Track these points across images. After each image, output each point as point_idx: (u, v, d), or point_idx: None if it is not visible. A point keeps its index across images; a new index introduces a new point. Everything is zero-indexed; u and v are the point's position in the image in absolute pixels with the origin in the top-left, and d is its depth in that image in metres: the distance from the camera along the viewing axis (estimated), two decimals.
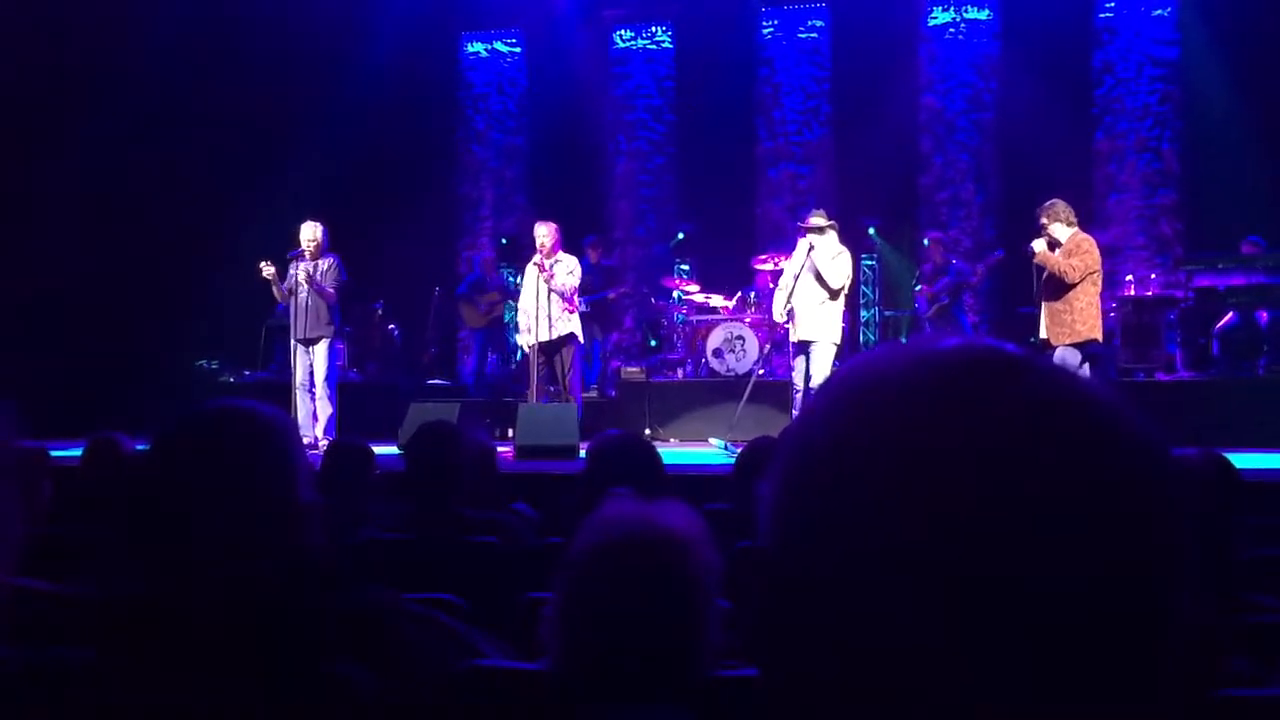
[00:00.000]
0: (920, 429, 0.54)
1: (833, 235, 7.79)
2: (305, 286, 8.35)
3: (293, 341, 8.50)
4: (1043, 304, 7.18)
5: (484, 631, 1.98)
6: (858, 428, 0.56)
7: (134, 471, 1.63)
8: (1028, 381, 0.54)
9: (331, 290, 8.40)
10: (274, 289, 8.54)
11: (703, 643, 1.55)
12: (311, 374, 8.44)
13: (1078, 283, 6.99)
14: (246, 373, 10.87)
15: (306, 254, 8.43)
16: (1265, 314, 9.24)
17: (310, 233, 8.47)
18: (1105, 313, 9.73)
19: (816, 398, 0.60)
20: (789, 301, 7.77)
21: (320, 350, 8.45)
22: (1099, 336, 7.26)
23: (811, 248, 7.68)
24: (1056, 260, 7.06)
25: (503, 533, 3.55)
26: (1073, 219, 7.20)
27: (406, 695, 1.49)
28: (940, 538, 0.52)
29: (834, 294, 7.69)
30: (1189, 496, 0.53)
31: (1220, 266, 9.18)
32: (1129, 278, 10.33)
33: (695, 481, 5.47)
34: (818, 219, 7.81)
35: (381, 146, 12.07)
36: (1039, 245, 7.11)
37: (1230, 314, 9.37)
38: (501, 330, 11.36)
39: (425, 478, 3.46)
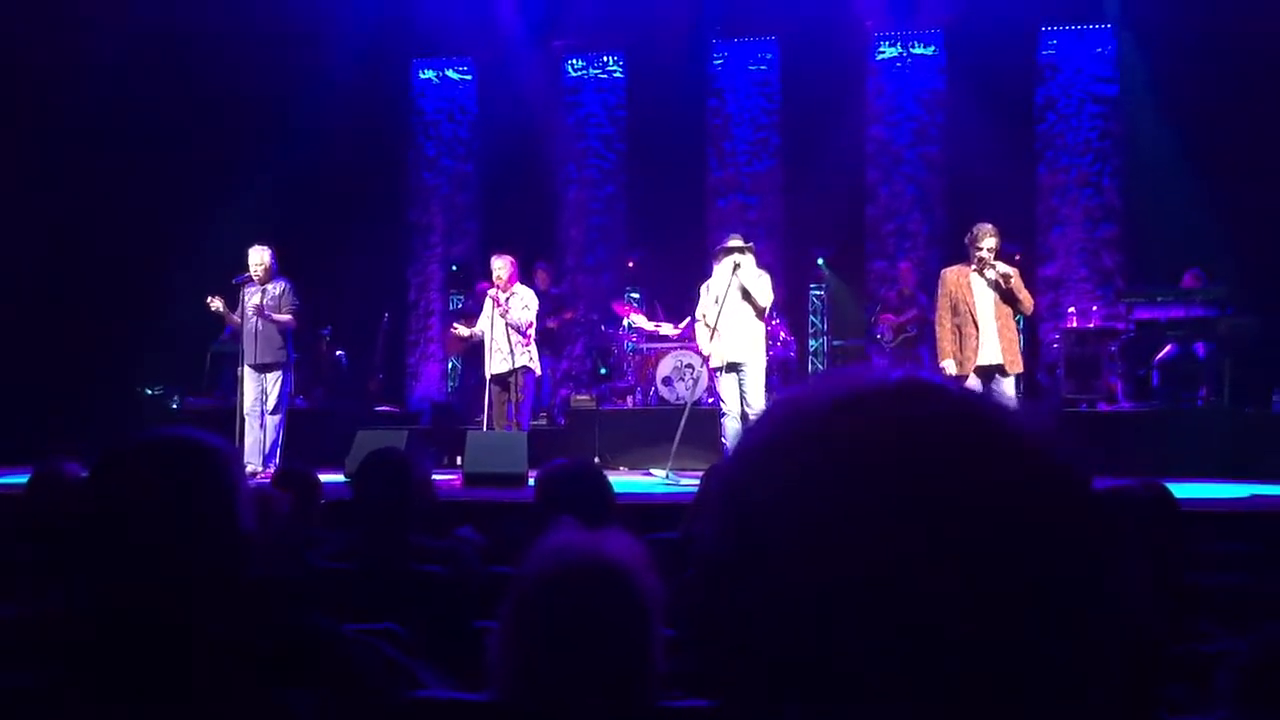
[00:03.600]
0: (827, 453, 0.55)
1: (752, 257, 7.77)
2: (255, 316, 8.26)
3: (243, 367, 8.39)
4: (992, 332, 7.18)
5: (425, 661, 1.96)
6: (774, 449, 0.58)
7: (76, 499, 1.60)
8: (954, 408, 0.56)
9: (288, 317, 8.32)
10: (225, 319, 8.46)
11: (648, 671, 1.55)
12: (262, 401, 8.34)
13: (1027, 314, 7.15)
14: (191, 398, 10.72)
15: (255, 279, 8.35)
16: (1202, 346, 9.43)
17: (259, 257, 8.40)
18: (1050, 344, 9.88)
19: (747, 434, 0.62)
20: (715, 325, 7.70)
21: (273, 377, 8.36)
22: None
23: (737, 266, 7.61)
24: (1024, 290, 7.15)
25: (451, 561, 3.53)
26: None
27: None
28: (867, 575, 0.53)
29: (760, 313, 7.67)
30: (1122, 523, 0.54)
31: (1160, 299, 9.37)
32: (1071, 309, 10.52)
33: (645, 510, 5.47)
34: (737, 240, 7.84)
35: (331, 171, 11.98)
36: (1003, 269, 7.15)
37: (1170, 346, 9.55)
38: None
39: (373, 506, 3.43)
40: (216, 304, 8.29)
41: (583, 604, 1.55)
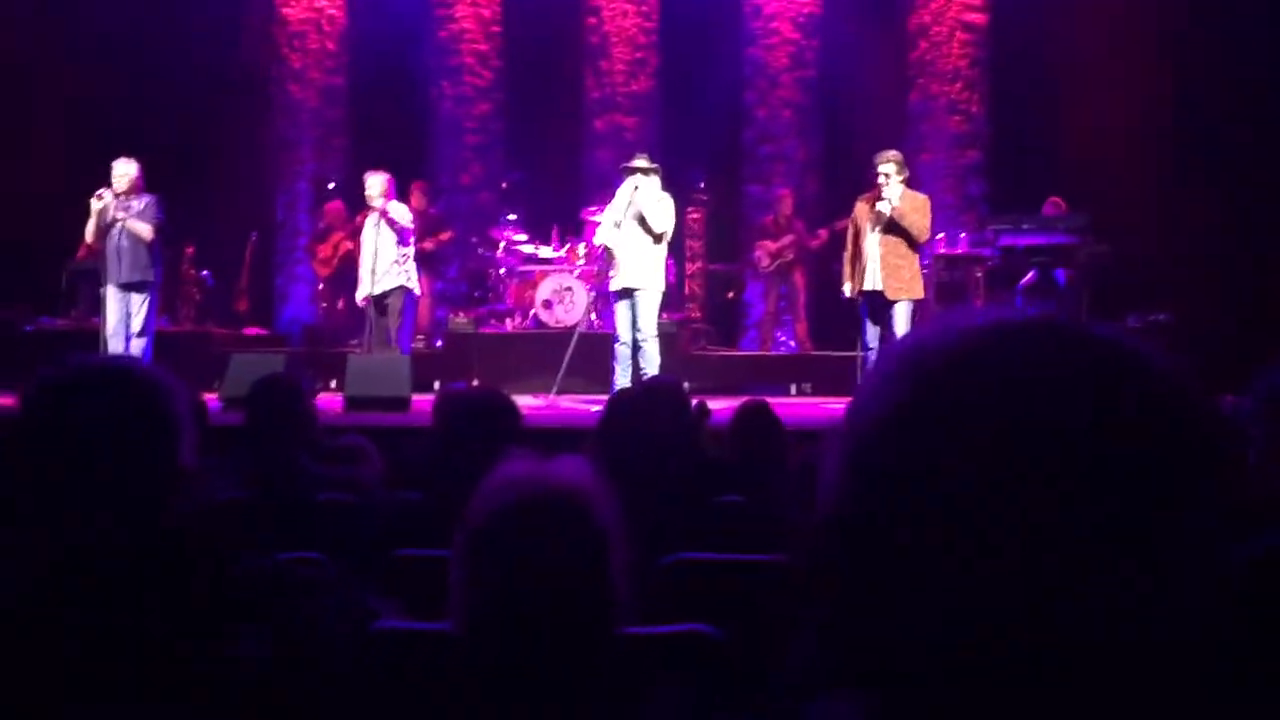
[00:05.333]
0: (983, 397, 0.55)
1: (657, 179, 7.62)
2: (120, 225, 7.85)
3: (107, 287, 7.98)
4: (875, 256, 7.36)
5: (369, 591, 1.94)
6: (918, 396, 0.57)
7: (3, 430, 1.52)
8: (1091, 350, 0.57)
9: (148, 226, 7.90)
10: (90, 224, 7.94)
11: (610, 597, 1.55)
12: (128, 322, 7.98)
13: (924, 242, 7.34)
14: (46, 319, 10.21)
15: (120, 193, 7.93)
16: (1062, 273, 9.81)
17: (125, 170, 7.97)
18: (923, 271, 10.14)
19: (873, 373, 0.61)
20: (607, 250, 7.65)
21: (139, 298, 7.99)
22: (923, 294, 7.64)
23: (637, 187, 7.48)
24: (914, 218, 7.30)
25: (352, 488, 3.48)
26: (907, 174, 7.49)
27: (311, 663, 1.45)
28: (1001, 501, 0.54)
29: (658, 238, 7.49)
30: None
31: (1024, 227, 9.68)
32: (940, 236, 10.77)
33: (543, 434, 5.46)
34: (642, 160, 7.67)
35: (190, 83, 11.44)
36: (895, 200, 7.30)
37: (1031, 272, 9.90)
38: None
39: (268, 432, 3.35)
40: (105, 199, 7.82)
41: (539, 533, 1.54)
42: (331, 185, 11.67)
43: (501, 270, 10.74)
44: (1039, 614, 0.54)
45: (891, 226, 7.31)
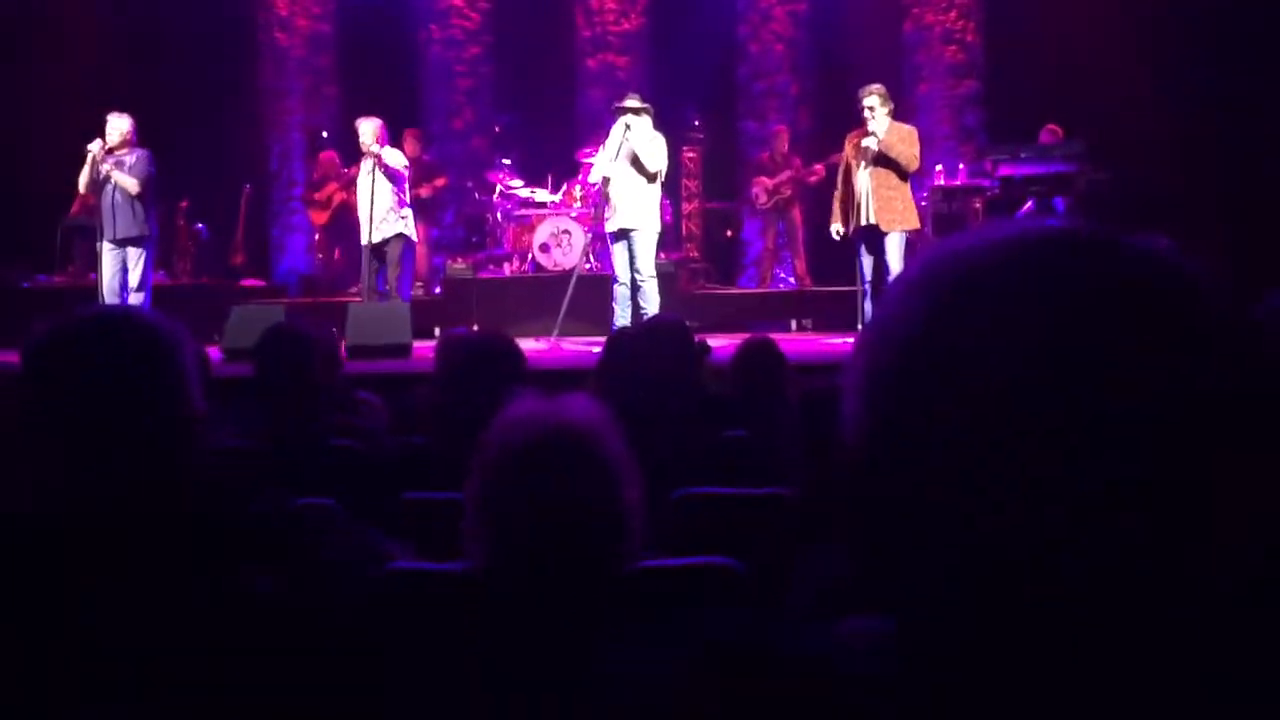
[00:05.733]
0: (1012, 311, 0.54)
1: (648, 119, 7.54)
2: (112, 180, 7.81)
3: (103, 243, 7.96)
4: (867, 190, 7.35)
5: (381, 533, 1.95)
6: (944, 310, 0.57)
7: (10, 383, 1.52)
8: (1126, 261, 0.56)
9: (134, 180, 7.84)
10: (83, 174, 7.90)
11: (625, 532, 1.57)
12: (124, 278, 7.96)
13: (913, 171, 7.30)
14: (42, 276, 10.18)
15: (113, 147, 7.88)
16: (1061, 201, 9.75)
17: (119, 124, 7.92)
18: (918, 203, 10.11)
19: (897, 284, 0.61)
20: (606, 184, 7.58)
21: (135, 253, 7.97)
22: (919, 224, 7.61)
23: (628, 128, 7.41)
24: (901, 149, 7.26)
25: (360, 435, 3.49)
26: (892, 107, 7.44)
27: (327, 603, 1.46)
28: (1036, 421, 0.53)
29: (652, 178, 7.42)
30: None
31: (1022, 156, 9.61)
32: (938, 167, 10.72)
33: (546, 376, 5.46)
34: (633, 100, 7.59)
35: (175, 35, 11.31)
36: (881, 132, 7.27)
37: (1030, 201, 9.85)
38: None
39: (279, 382, 3.35)
40: (97, 149, 7.79)
41: (552, 472, 1.55)
42: (324, 134, 11.58)
43: (498, 215, 10.68)
44: (1061, 549, 0.53)
45: (881, 159, 7.28)
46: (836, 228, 7.61)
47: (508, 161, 10.87)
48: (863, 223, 7.37)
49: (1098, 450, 0.52)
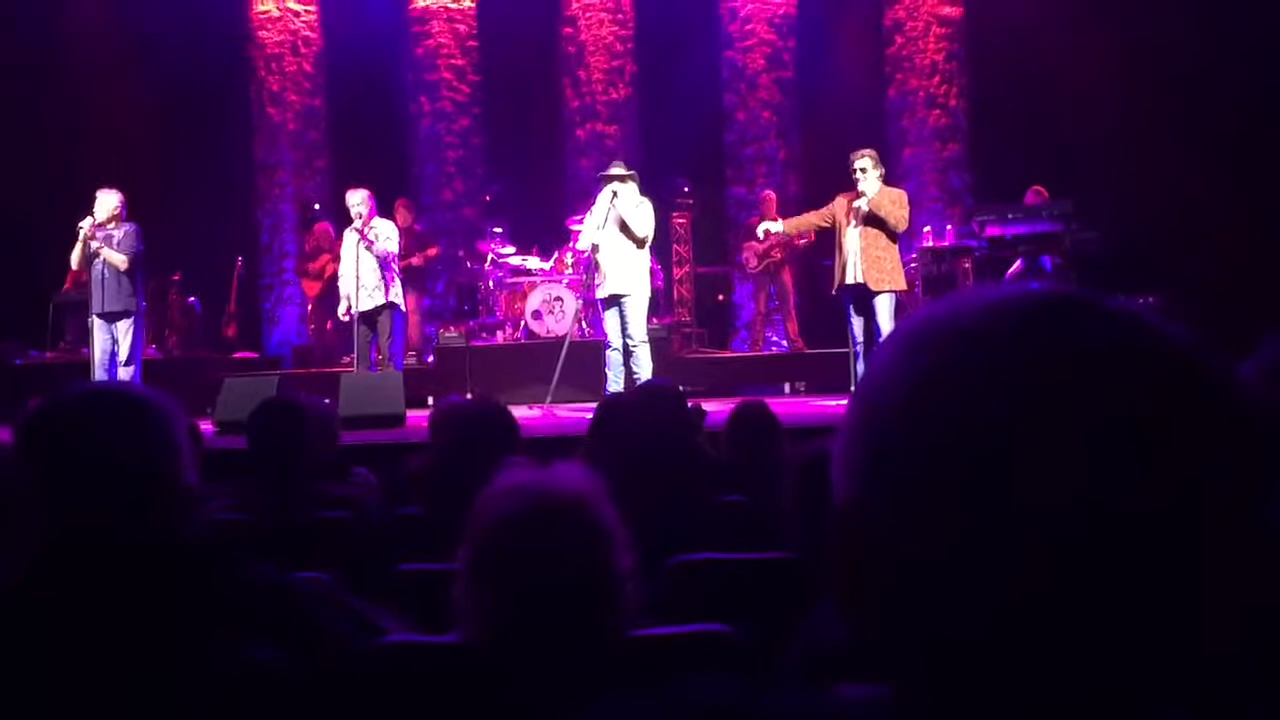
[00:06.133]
0: (999, 373, 0.55)
1: (634, 185, 7.61)
2: (101, 255, 7.88)
3: (92, 317, 8.01)
4: (856, 252, 7.42)
5: (375, 606, 1.94)
6: (933, 372, 0.57)
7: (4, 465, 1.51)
8: (1109, 324, 0.56)
9: (123, 257, 7.89)
10: (75, 250, 7.96)
11: (616, 602, 1.56)
12: (114, 353, 7.98)
13: (902, 232, 7.38)
14: (35, 352, 10.18)
15: (104, 224, 7.94)
16: (1049, 259, 9.83)
17: (108, 201, 7.98)
18: (906, 264, 10.21)
19: (886, 344, 0.61)
20: (595, 250, 7.64)
21: (124, 327, 7.99)
22: (905, 285, 7.68)
23: (615, 195, 7.48)
24: (891, 209, 7.35)
25: (351, 506, 3.47)
26: (882, 170, 7.56)
27: (322, 675, 1.45)
28: (1023, 482, 0.53)
29: (641, 243, 7.49)
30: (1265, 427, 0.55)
31: (1010, 217, 9.70)
32: (926, 229, 10.82)
33: (538, 444, 5.45)
34: (618, 167, 7.68)
35: (170, 111, 11.45)
36: (872, 193, 7.36)
37: (1019, 261, 9.93)
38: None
39: (272, 454, 3.33)
40: (88, 227, 7.86)
41: (544, 542, 1.54)
42: (317, 207, 11.66)
43: (490, 283, 10.73)
44: (1068, 595, 0.53)
45: (871, 219, 7.37)
46: (765, 227, 7.98)
47: (499, 230, 10.94)
48: (850, 281, 7.44)
49: (1084, 519, 0.52)
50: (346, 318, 8.36)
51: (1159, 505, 0.52)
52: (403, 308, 8.59)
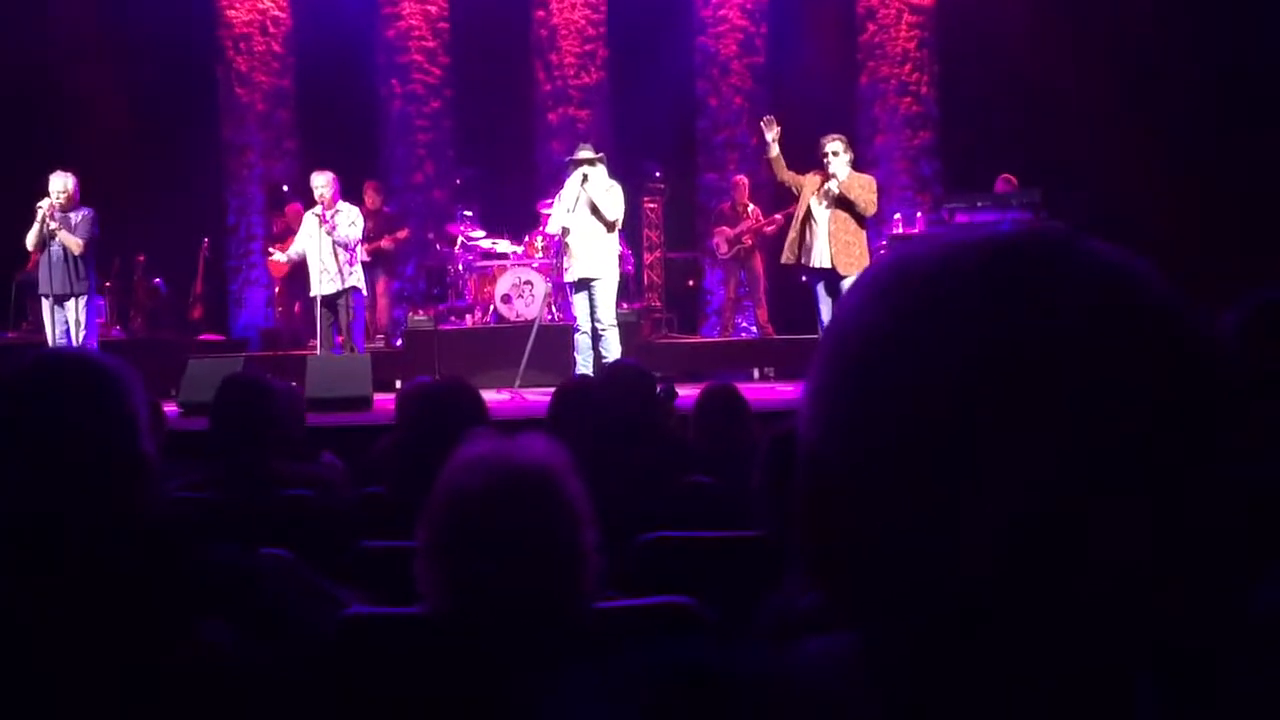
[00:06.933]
0: (967, 314, 0.53)
1: (603, 168, 7.60)
2: (56, 238, 7.80)
3: (45, 299, 7.95)
4: (825, 236, 7.44)
5: (338, 583, 1.91)
6: (899, 315, 0.55)
7: None
8: (1081, 262, 0.54)
9: (79, 241, 7.83)
10: (32, 231, 7.86)
11: (583, 571, 1.54)
12: (69, 333, 7.90)
13: (870, 217, 7.41)
14: None
15: (57, 206, 7.85)
16: None
17: (60, 184, 7.90)
18: (876, 250, 10.24)
19: (853, 290, 0.59)
20: (565, 234, 7.60)
21: (79, 307, 7.92)
22: None
23: (585, 178, 7.45)
24: (860, 193, 7.37)
25: (316, 485, 3.43)
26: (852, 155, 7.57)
27: (283, 650, 1.42)
28: (990, 424, 0.52)
29: (611, 226, 7.47)
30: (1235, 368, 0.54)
31: (980, 204, 9.75)
32: (896, 216, 10.85)
33: (503, 426, 5.40)
34: (586, 151, 7.65)
35: (137, 91, 11.30)
36: (842, 176, 7.38)
37: None
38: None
39: (235, 434, 3.29)
40: (45, 206, 7.77)
41: (507, 514, 1.53)
42: (285, 189, 11.55)
43: (460, 266, 10.67)
44: (1034, 544, 0.52)
45: (841, 203, 7.39)
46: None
47: (469, 213, 10.87)
48: (816, 264, 7.46)
49: (1054, 455, 0.51)
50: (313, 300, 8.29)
51: (1135, 467, 0.51)
52: (363, 291, 8.54)
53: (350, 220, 8.29)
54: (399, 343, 10.43)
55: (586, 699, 0.63)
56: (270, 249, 9.00)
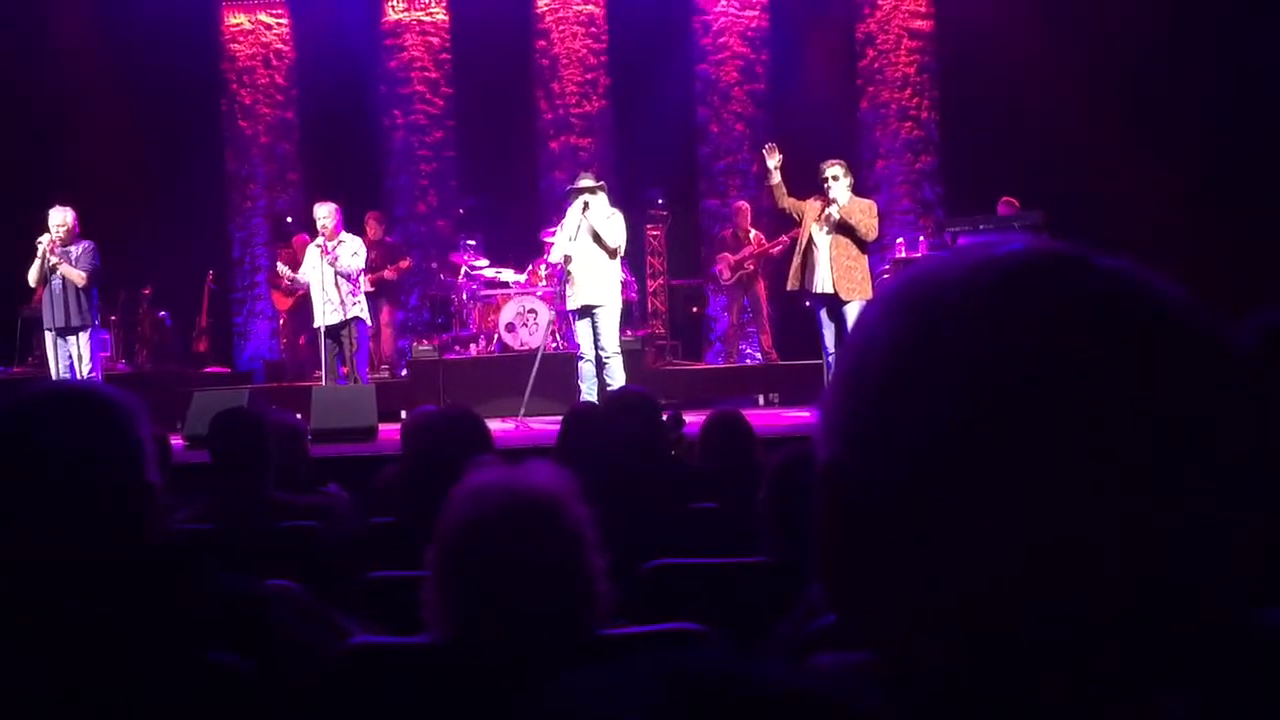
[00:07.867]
0: (985, 330, 0.53)
1: (604, 196, 7.62)
2: (58, 272, 7.84)
3: (48, 333, 7.98)
4: (827, 261, 7.45)
5: (344, 614, 1.90)
6: (918, 332, 0.55)
7: None
8: (1098, 278, 0.54)
9: (81, 274, 7.88)
10: (34, 267, 7.90)
11: (591, 598, 1.53)
12: (73, 367, 7.93)
13: (871, 242, 7.41)
14: (2, 367, 10.06)
15: (57, 241, 7.89)
16: None
17: (60, 218, 7.94)
18: (879, 275, 10.25)
19: (873, 304, 0.59)
20: (568, 262, 7.61)
21: (82, 340, 7.95)
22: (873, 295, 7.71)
23: (586, 206, 7.48)
24: (861, 218, 7.38)
25: (317, 515, 3.42)
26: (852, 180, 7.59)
27: (290, 680, 1.41)
28: (1010, 440, 0.51)
29: (613, 253, 7.50)
30: (1253, 388, 0.54)
31: (982, 227, 9.74)
32: (899, 240, 10.85)
33: (510, 454, 5.40)
34: (587, 179, 7.68)
35: (142, 124, 11.37)
36: (843, 200, 7.39)
37: None
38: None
39: (233, 466, 3.29)
40: (45, 241, 7.81)
41: (514, 542, 1.52)
42: (289, 220, 11.59)
43: (464, 296, 10.69)
44: (1051, 562, 0.51)
45: (842, 228, 7.40)
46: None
47: (472, 242, 10.90)
48: (819, 290, 7.47)
49: (1075, 472, 0.50)
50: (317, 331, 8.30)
51: (1153, 472, 0.50)
52: (368, 321, 8.56)
53: (352, 251, 8.31)
54: (404, 373, 10.43)
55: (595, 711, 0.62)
56: (278, 264, 9.03)
